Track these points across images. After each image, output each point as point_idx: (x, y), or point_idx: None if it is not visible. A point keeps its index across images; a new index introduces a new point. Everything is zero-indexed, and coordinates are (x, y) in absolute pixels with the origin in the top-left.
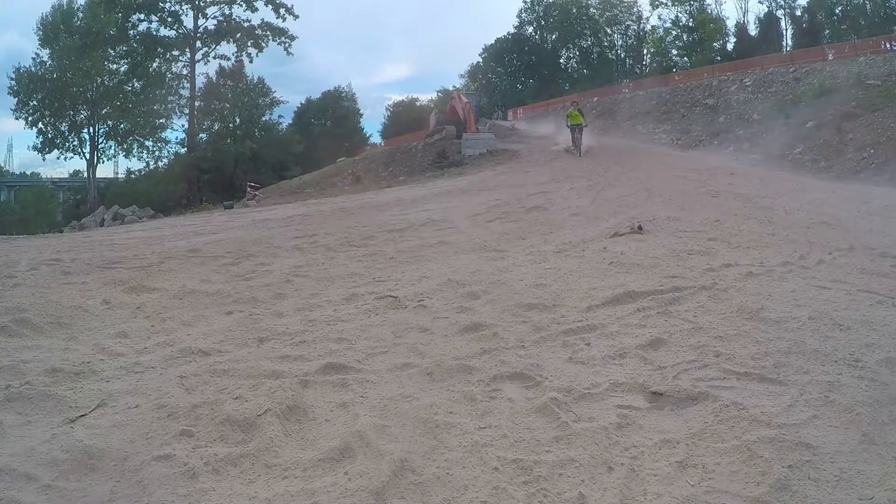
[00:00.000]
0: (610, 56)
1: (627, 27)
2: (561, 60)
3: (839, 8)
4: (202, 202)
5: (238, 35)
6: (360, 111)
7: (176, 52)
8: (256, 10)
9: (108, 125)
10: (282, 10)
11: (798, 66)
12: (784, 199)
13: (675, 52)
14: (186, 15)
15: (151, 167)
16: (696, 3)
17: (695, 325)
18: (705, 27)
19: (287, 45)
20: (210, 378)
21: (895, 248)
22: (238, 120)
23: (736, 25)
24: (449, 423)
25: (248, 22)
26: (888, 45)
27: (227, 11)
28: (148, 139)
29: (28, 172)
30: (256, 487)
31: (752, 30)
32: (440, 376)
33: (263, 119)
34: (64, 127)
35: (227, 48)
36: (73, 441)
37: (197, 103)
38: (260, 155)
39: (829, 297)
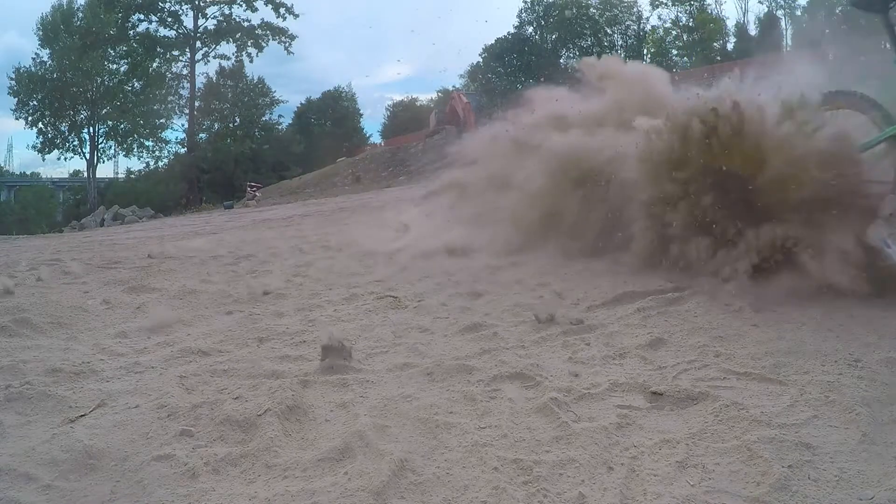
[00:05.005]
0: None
1: (627, 27)
2: (561, 60)
3: (839, 8)
4: (202, 202)
5: (238, 35)
6: (360, 111)
7: (176, 52)
8: (256, 10)
9: (108, 125)
10: (282, 10)
11: None
12: None
13: (675, 52)
14: (186, 15)
15: (151, 167)
16: (696, 3)
17: (695, 325)
18: (705, 27)
19: (287, 44)
20: (210, 378)
21: None
22: (238, 120)
23: (736, 25)
24: (449, 423)
25: (247, 22)
26: (888, 46)
27: (226, 11)
28: (148, 139)
29: (28, 172)
30: (256, 487)
31: (752, 30)
32: (440, 376)
33: (263, 119)
34: (64, 127)
35: (227, 48)
36: (73, 441)
37: (197, 103)
38: (260, 155)
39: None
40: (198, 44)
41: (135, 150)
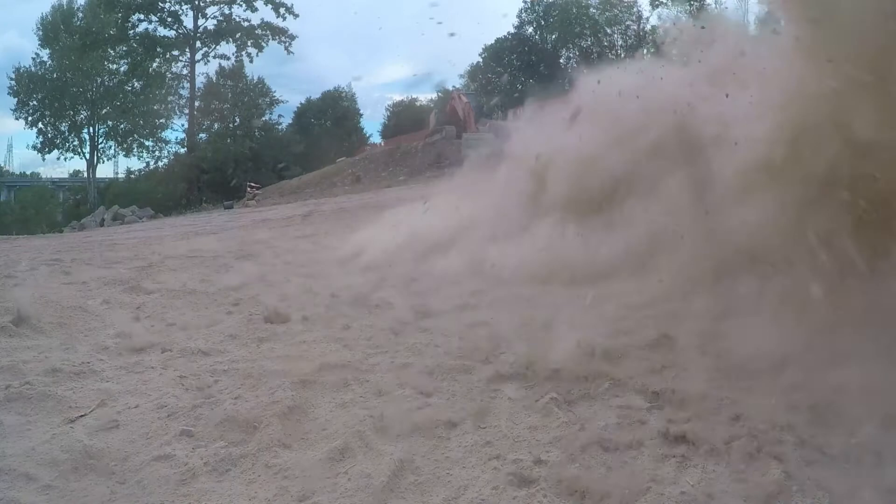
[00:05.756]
0: (610, 56)
1: (627, 27)
2: (561, 60)
3: None
4: (202, 202)
5: (238, 35)
6: (360, 111)
7: (176, 52)
8: (256, 10)
9: (108, 125)
10: (282, 10)
11: None
12: None
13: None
14: (186, 15)
15: (151, 167)
16: (696, 3)
17: (694, 325)
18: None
19: (287, 44)
20: (210, 378)
21: None
22: (238, 120)
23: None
24: (449, 423)
25: (247, 22)
26: None
27: (226, 11)
28: (148, 139)
29: (28, 172)
30: (256, 487)
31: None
32: (440, 376)
33: (263, 119)
34: (64, 127)
35: (227, 48)
36: (73, 441)
37: (197, 103)
38: (260, 155)
39: None
40: (198, 44)
41: (135, 150)
